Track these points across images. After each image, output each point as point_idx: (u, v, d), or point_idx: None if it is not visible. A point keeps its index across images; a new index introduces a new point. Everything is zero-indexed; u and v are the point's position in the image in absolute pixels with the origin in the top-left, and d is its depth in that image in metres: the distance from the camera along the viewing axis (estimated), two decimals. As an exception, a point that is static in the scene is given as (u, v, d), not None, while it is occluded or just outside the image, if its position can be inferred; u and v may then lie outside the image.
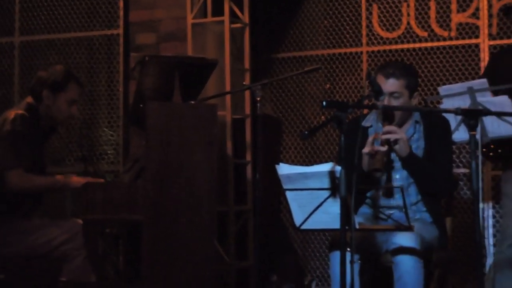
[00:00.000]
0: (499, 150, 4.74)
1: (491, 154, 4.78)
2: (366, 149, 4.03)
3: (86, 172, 6.26)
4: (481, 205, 4.47)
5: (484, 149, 4.58)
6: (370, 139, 4.05)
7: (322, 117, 6.50)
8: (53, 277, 4.50)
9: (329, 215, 3.56)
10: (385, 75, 4.14)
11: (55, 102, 4.62)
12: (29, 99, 4.67)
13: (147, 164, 4.41)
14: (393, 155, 4.12)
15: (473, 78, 5.75)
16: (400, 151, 4.09)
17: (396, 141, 4.05)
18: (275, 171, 3.66)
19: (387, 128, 4.06)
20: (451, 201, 4.50)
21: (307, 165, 3.71)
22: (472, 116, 3.30)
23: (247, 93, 6.21)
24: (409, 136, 4.21)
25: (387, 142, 4.02)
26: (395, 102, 4.15)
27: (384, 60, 6.18)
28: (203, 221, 4.53)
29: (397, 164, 4.18)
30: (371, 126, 4.30)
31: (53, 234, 4.49)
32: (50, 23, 6.74)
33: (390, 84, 4.12)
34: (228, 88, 6.01)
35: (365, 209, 4.22)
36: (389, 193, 4.15)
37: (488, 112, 3.60)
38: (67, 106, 4.65)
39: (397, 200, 4.11)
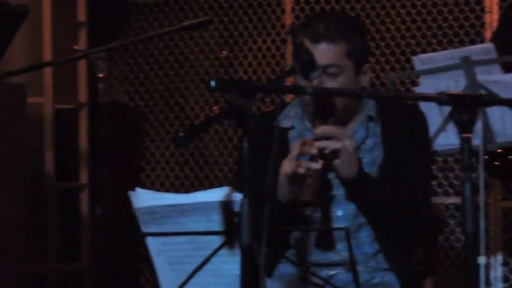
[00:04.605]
0: (510, 156, 4.42)
1: (496, 163, 4.47)
2: (287, 168, 3.45)
3: None
4: (482, 260, 3.95)
5: (486, 156, 4.10)
6: (293, 150, 3.49)
7: (215, 107, 5.86)
8: None
9: (222, 279, 3.00)
10: (313, 38, 3.53)
11: None
12: None
13: None
14: (331, 176, 3.51)
15: (473, 41, 5.35)
16: (342, 169, 3.50)
17: (336, 153, 3.45)
18: (130, 202, 3.07)
19: (322, 129, 3.47)
20: (433, 251, 3.89)
21: (185, 191, 3.67)
22: (468, 107, 2.59)
23: (81, 66, 5.51)
24: (358, 142, 3.62)
25: (321, 154, 3.42)
26: (331, 83, 3.48)
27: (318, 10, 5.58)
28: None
29: (339, 192, 3.60)
30: (293, 127, 3.71)
31: None
32: None
33: (321, 53, 3.52)
34: (47, 56, 5.41)
35: (285, 268, 3.62)
36: (327, 243, 3.59)
37: (496, 101, 2.98)
38: None
39: (340, 253, 3.55)
